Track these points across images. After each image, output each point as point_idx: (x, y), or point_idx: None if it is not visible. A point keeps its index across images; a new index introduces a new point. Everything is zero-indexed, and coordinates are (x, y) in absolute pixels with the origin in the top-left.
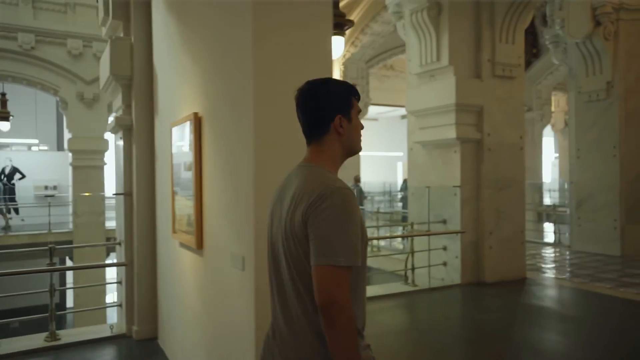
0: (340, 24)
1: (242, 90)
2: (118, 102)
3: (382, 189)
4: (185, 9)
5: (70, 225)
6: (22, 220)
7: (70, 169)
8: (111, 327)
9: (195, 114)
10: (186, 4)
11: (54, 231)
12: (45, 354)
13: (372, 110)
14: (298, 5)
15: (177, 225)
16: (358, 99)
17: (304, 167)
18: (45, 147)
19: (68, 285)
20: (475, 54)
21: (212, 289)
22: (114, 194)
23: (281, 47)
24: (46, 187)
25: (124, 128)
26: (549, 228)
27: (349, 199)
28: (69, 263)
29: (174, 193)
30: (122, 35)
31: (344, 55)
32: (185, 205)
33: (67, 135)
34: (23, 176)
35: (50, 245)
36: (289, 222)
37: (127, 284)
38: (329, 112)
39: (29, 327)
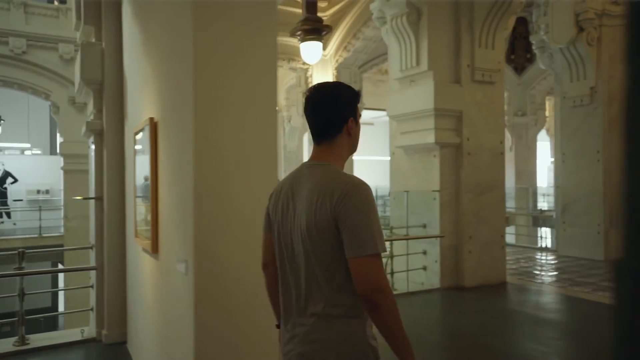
0: (318, 30)
1: (185, 96)
2: (91, 106)
3: (375, 194)
4: (145, 15)
5: (62, 230)
6: (14, 224)
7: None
8: (82, 331)
9: (151, 119)
10: (146, 10)
11: (44, 235)
12: (13, 358)
13: (368, 114)
14: (241, 7)
15: (139, 230)
16: (359, 102)
17: (317, 165)
18: (39, 151)
19: (63, 290)
20: (455, 59)
21: (165, 292)
22: (83, 198)
23: (223, 51)
24: (38, 191)
25: (95, 133)
26: (541, 233)
27: (370, 192)
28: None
29: (136, 197)
30: (94, 40)
31: (337, 60)
32: (144, 209)
33: (60, 139)
34: (15, 180)
35: (20, 250)
36: (313, 217)
37: (98, 287)
38: (344, 114)
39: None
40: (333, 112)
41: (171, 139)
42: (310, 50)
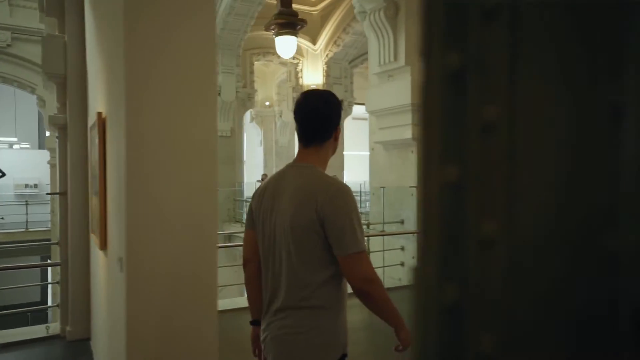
0: (293, 24)
1: (119, 90)
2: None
3: (363, 190)
4: (97, 5)
5: (49, 224)
6: (2, 218)
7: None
8: (47, 327)
9: (99, 114)
10: (98, 2)
11: (31, 229)
12: None
13: (361, 109)
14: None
15: (93, 225)
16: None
17: (303, 167)
18: (27, 145)
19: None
20: None
21: (110, 288)
22: (47, 194)
23: (156, 43)
24: (26, 186)
25: (58, 127)
26: None
27: (352, 194)
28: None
29: (91, 193)
30: (57, 32)
31: (327, 55)
32: (96, 205)
33: (47, 133)
34: (3, 174)
35: None
36: (297, 218)
37: (62, 283)
38: (335, 121)
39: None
40: (327, 118)
41: (112, 136)
42: (285, 45)
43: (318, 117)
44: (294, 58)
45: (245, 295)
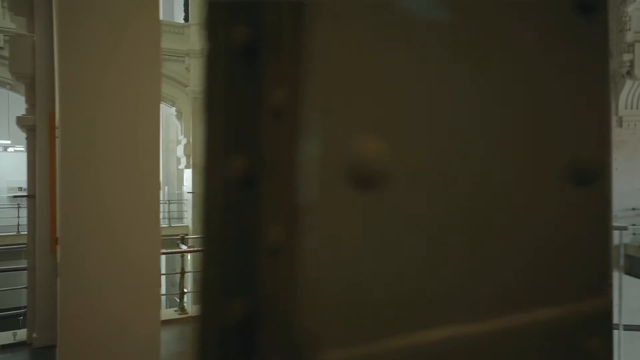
0: None
1: (58, 89)
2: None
3: None
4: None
5: None
6: None
7: None
8: (14, 334)
9: (51, 114)
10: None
11: (22, 233)
12: None
13: None
14: None
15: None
16: None
17: None
18: (21, 148)
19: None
20: None
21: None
22: (14, 196)
23: (91, 36)
24: (20, 189)
25: (27, 128)
26: None
27: None
28: None
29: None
30: (26, 32)
31: None
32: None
33: None
34: None
35: None
36: None
37: (30, 289)
38: None
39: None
40: None
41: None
42: None
43: None
44: None
45: None
